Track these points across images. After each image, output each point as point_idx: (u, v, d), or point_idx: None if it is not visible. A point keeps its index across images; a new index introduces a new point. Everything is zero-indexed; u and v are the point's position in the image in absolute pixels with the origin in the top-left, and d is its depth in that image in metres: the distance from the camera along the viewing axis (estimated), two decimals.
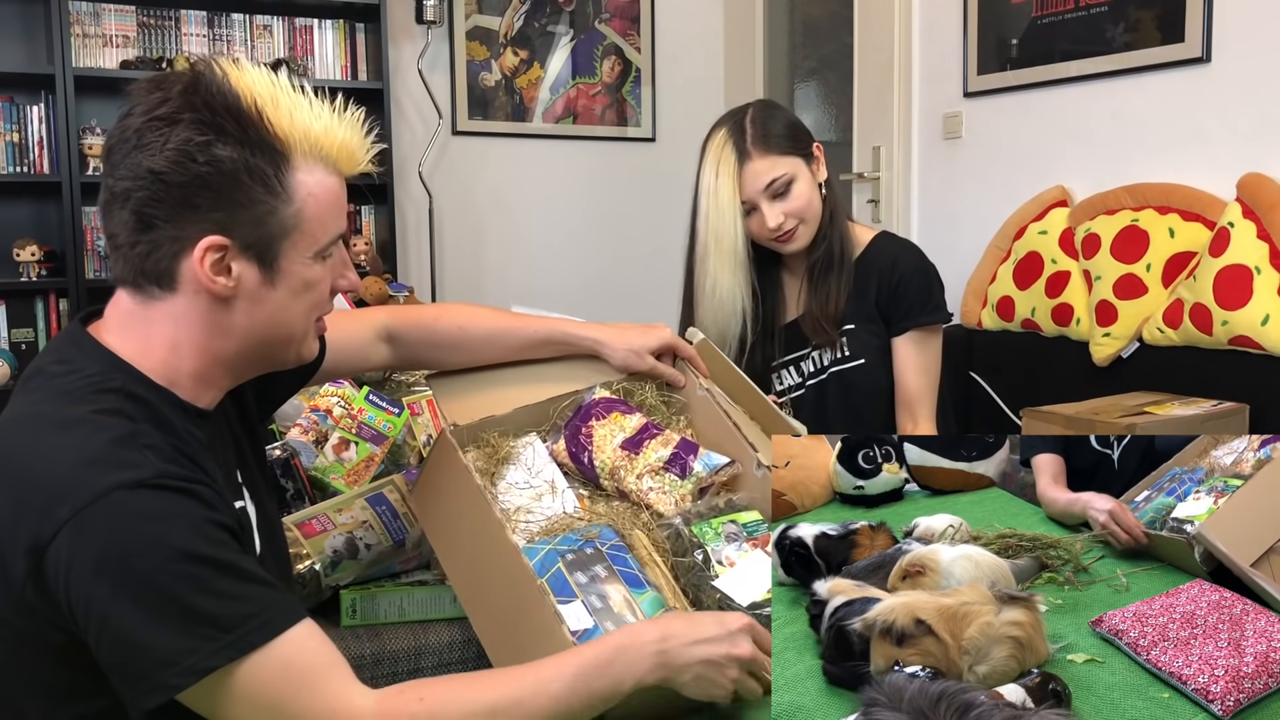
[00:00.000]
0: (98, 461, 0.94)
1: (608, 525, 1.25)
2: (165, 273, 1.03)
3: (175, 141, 0.98)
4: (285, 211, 1.03)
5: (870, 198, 3.59)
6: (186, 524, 0.94)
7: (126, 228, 1.01)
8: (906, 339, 1.93)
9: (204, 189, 0.99)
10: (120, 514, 0.92)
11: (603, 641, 1.04)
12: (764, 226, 1.89)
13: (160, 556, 0.92)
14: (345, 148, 1.06)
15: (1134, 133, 2.80)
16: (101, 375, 1.02)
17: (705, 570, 1.17)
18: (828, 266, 1.95)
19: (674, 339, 1.49)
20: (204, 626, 0.91)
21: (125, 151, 1.00)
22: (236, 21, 3.69)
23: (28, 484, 0.95)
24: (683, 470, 1.33)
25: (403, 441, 1.81)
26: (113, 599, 0.91)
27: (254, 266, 1.03)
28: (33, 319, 3.51)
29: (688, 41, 4.46)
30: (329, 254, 1.09)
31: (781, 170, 1.88)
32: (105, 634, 0.92)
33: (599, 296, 4.17)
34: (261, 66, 1.05)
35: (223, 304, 1.04)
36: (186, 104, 0.99)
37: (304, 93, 1.05)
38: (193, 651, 0.91)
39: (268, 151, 1.01)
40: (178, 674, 0.91)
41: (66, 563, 0.91)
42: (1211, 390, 2.33)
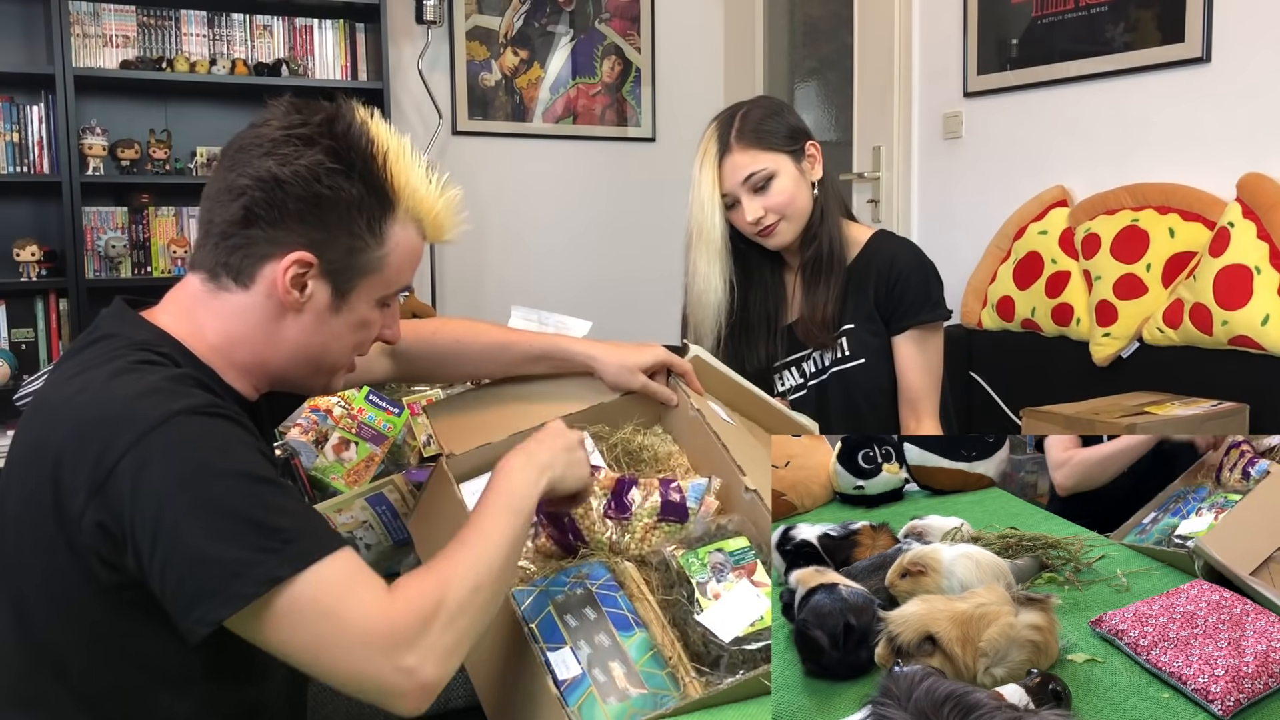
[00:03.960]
0: (153, 393, 0.99)
1: (599, 562, 1.25)
2: (247, 270, 1.09)
3: (308, 160, 1.07)
4: (375, 253, 1.12)
5: (870, 198, 3.59)
6: (243, 446, 0.99)
7: (230, 219, 1.08)
8: (907, 337, 1.93)
9: (316, 208, 1.07)
10: (181, 436, 0.96)
11: (489, 486, 1.14)
12: (744, 220, 1.91)
13: (223, 474, 0.96)
14: (439, 219, 1.17)
15: (1134, 133, 2.80)
16: (149, 342, 1.08)
17: (690, 606, 1.17)
18: (817, 269, 1.95)
19: (668, 356, 1.51)
20: (269, 539, 0.94)
21: (256, 155, 1.07)
22: (236, 21, 3.69)
23: (86, 422, 0.98)
24: (680, 513, 1.33)
25: (403, 441, 1.81)
26: (180, 516, 0.94)
27: (328, 290, 1.11)
28: (33, 319, 3.51)
29: (688, 41, 4.46)
30: (389, 303, 1.18)
31: (761, 164, 1.88)
32: (174, 553, 0.94)
33: (599, 296, 4.17)
34: (390, 125, 1.16)
35: (285, 314, 1.11)
36: (327, 133, 1.08)
37: (420, 160, 1.16)
38: (260, 563, 0.93)
39: (381, 197, 1.11)
40: (249, 583, 0.93)
41: (132, 486, 0.95)
42: (1211, 390, 2.33)
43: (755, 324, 2.02)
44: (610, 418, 1.49)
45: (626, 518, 1.32)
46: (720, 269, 1.94)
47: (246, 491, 0.96)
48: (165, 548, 0.94)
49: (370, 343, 1.20)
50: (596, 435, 1.46)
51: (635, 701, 1.08)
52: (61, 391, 1.04)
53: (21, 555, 1.03)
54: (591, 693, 1.08)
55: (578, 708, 1.07)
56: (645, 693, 1.09)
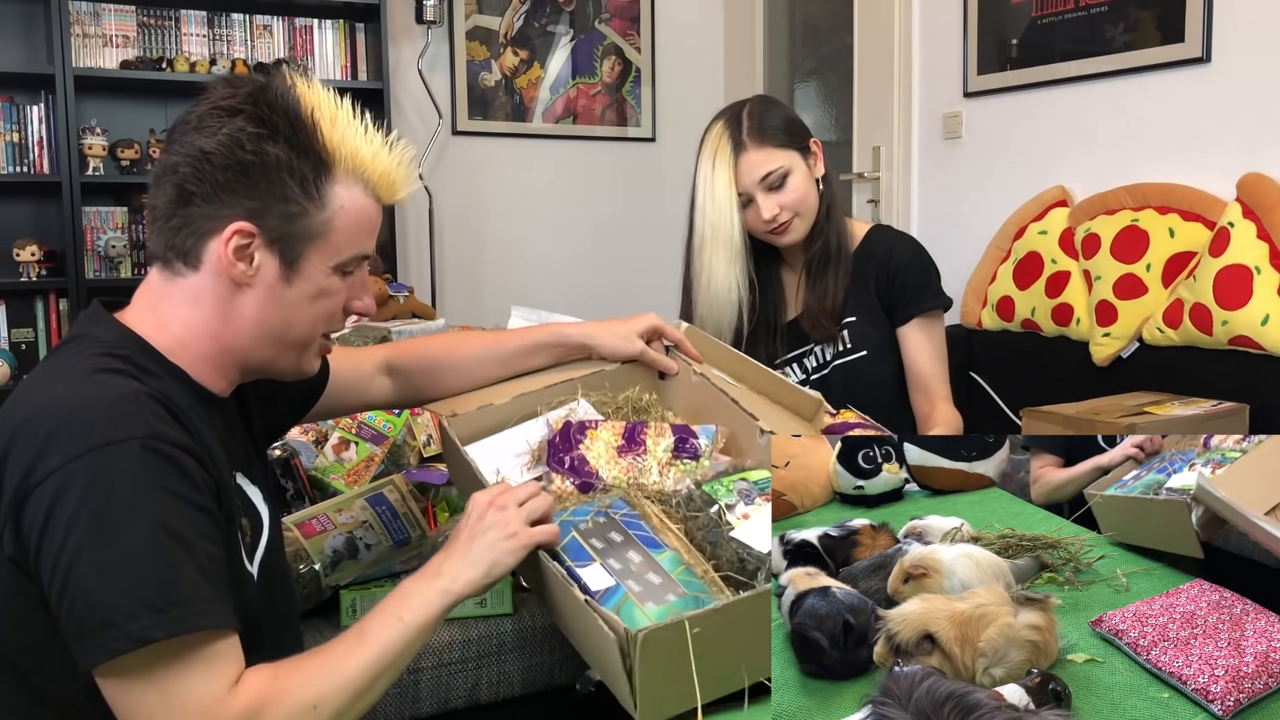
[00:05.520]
0: (96, 414, 0.97)
1: (619, 497, 1.26)
2: (192, 250, 1.08)
3: (230, 129, 1.05)
4: (317, 217, 1.08)
5: (870, 198, 3.59)
6: (170, 495, 0.97)
7: (167, 200, 1.07)
8: (913, 326, 1.94)
9: (244, 176, 1.05)
10: (107, 469, 0.95)
11: (404, 582, 1.13)
12: (759, 218, 1.90)
13: (137, 519, 0.94)
14: (387, 176, 1.13)
15: (1134, 133, 2.80)
16: (113, 343, 1.07)
17: (720, 524, 1.17)
18: (824, 262, 1.96)
19: (660, 322, 1.53)
20: (157, 598, 0.93)
21: (184, 132, 1.07)
22: (236, 21, 3.69)
23: (27, 431, 0.98)
24: (693, 452, 1.35)
25: (403, 441, 1.81)
26: (82, 551, 0.93)
27: (275, 260, 1.08)
28: (33, 319, 3.51)
29: (688, 41, 4.46)
30: (350, 270, 1.14)
31: (777, 163, 1.88)
32: (67, 585, 0.93)
33: (599, 296, 4.17)
34: (331, 89, 1.12)
35: (238, 291, 1.09)
36: (250, 101, 1.06)
37: (363, 120, 1.12)
38: (138, 619, 0.92)
39: (312, 158, 1.07)
40: (119, 638, 0.92)
41: (49, 507, 0.94)
42: (1211, 390, 2.33)
43: (757, 322, 2.02)
44: (611, 385, 1.50)
45: (641, 454, 1.33)
46: (740, 267, 1.93)
47: (155, 544, 0.94)
48: (62, 577, 0.93)
49: (340, 317, 1.16)
50: (599, 401, 1.46)
51: (676, 604, 1.09)
52: (26, 393, 1.03)
53: None
54: (629, 599, 1.09)
55: (615, 611, 1.07)
56: (685, 595, 1.10)
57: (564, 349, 1.51)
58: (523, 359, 1.51)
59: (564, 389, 1.47)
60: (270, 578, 1.18)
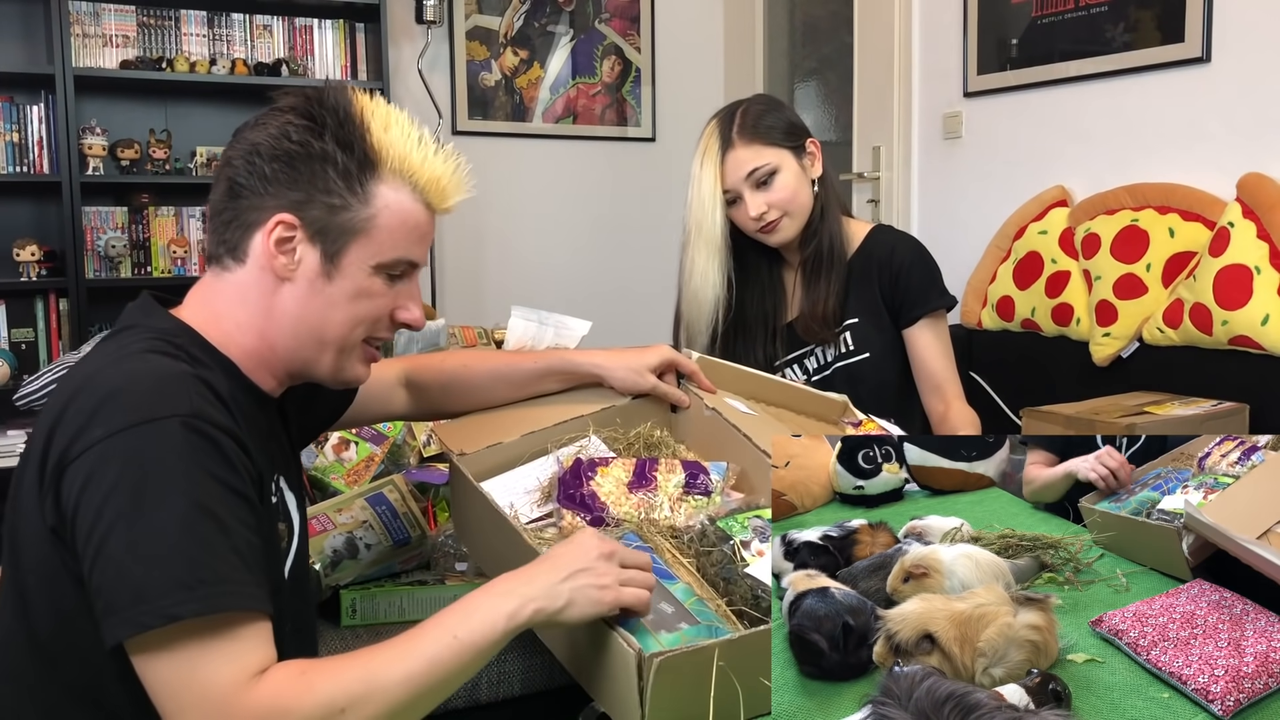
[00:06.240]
0: (143, 391, 0.97)
1: (631, 530, 1.26)
2: (239, 244, 1.10)
3: (279, 122, 1.08)
4: (360, 213, 1.09)
5: (870, 198, 3.59)
6: (209, 475, 0.96)
7: (220, 196, 1.11)
8: (920, 327, 1.94)
9: (289, 167, 1.07)
10: (149, 444, 0.95)
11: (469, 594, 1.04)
12: (747, 216, 1.90)
13: (175, 496, 0.94)
14: (437, 182, 1.14)
15: (1134, 133, 2.80)
16: (167, 331, 1.08)
17: (735, 560, 1.17)
18: (818, 265, 1.95)
19: (674, 355, 1.51)
20: (188, 575, 0.92)
21: (242, 131, 1.11)
22: (236, 21, 3.69)
23: (74, 405, 0.98)
24: (704, 488, 1.34)
25: (403, 441, 1.81)
26: (117, 524, 0.92)
27: (316, 254, 1.09)
28: (33, 319, 3.51)
29: (688, 41, 4.46)
30: (396, 274, 1.14)
31: (764, 160, 1.88)
32: (100, 557, 0.93)
33: (598, 296, 4.17)
34: (395, 106, 1.15)
35: (280, 285, 1.10)
36: (304, 100, 1.10)
37: (419, 129, 1.14)
38: (167, 595, 0.91)
39: (358, 154, 1.09)
40: (148, 613, 0.91)
41: (85, 479, 0.94)
42: (1211, 390, 2.33)
43: (753, 323, 2.02)
44: (622, 420, 1.49)
45: (652, 490, 1.33)
46: (719, 265, 1.93)
47: (190, 522, 0.93)
48: (95, 549, 0.93)
49: (385, 324, 1.15)
50: (610, 437, 1.46)
51: (689, 632, 1.08)
52: (78, 371, 1.05)
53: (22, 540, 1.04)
54: (642, 626, 1.08)
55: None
56: (700, 624, 1.10)
57: (574, 376, 1.51)
58: (534, 383, 1.51)
59: (575, 425, 1.46)
60: (295, 588, 1.18)
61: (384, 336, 1.17)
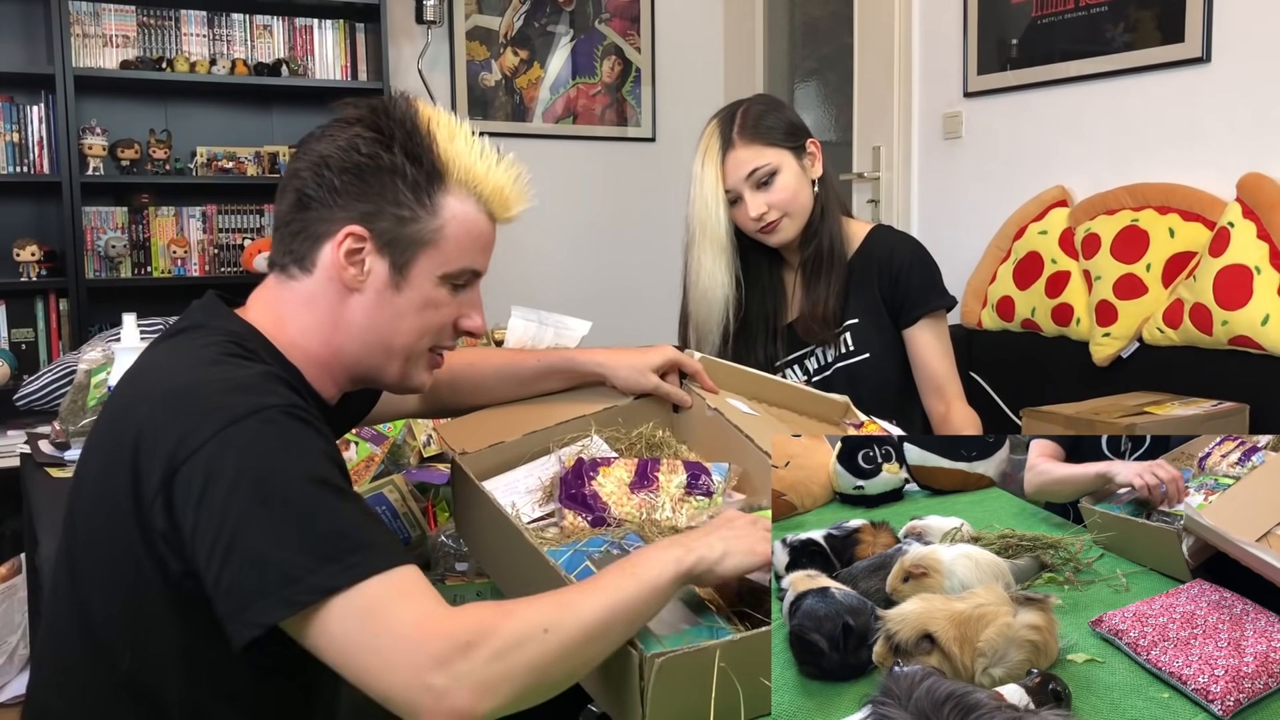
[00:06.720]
0: (241, 387, 1.00)
1: (633, 530, 1.26)
2: (307, 255, 1.11)
3: (348, 134, 1.09)
4: (428, 224, 1.11)
5: (870, 198, 3.59)
6: (320, 453, 0.99)
7: (288, 206, 1.12)
8: (920, 327, 1.94)
9: (359, 180, 1.09)
10: (262, 433, 0.96)
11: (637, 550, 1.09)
12: (747, 216, 1.90)
13: (298, 478, 0.95)
14: (500, 192, 1.17)
15: (1134, 133, 2.80)
16: (237, 334, 1.10)
17: None
18: (818, 266, 1.95)
19: (677, 355, 1.51)
20: (332, 548, 0.93)
21: (309, 142, 1.12)
22: (236, 21, 3.69)
23: (172, 405, 0.99)
24: (706, 489, 1.34)
25: (403, 441, 1.81)
26: (247, 514, 0.93)
27: (385, 266, 1.11)
28: (33, 319, 3.51)
29: (688, 41, 4.46)
30: (461, 284, 1.16)
31: (765, 160, 1.88)
32: (234, 549, 0.93)
33: (599, 296, 4.17)
34: (454, 114, 1.16)
35: (349, 296, 1.11)
36: (370, 112, 1.11)
37: (482, 141, 1.16)
38: (318, 571, 0.92)
39: (425, 166, 1.10)
40: (304, 590, 0.91)
41: (205, 476, 0.94)
42: (1211, 390, 2.33)
43: (754, 324, 2.02)
44: (624, 420, 1.49)
45: (654, 490, 1.33)
46: (726, 264, 1.94)
47: (318, 498, 0.95)
48: (227, 542, 0.93)
49: (450, 333, 1.18)
50: (612, 437, 1.46)
51: (690, 633, 1.09)
52: (155, 371, 1.05)
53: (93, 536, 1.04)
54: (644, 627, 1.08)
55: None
56: (700, 625, 1.10)
57: (577, 376, 1.51)
58: (537, 382, 1.51)
59: (577, 425, 1.46)
60: None
61: (448, 345, 1.20)
